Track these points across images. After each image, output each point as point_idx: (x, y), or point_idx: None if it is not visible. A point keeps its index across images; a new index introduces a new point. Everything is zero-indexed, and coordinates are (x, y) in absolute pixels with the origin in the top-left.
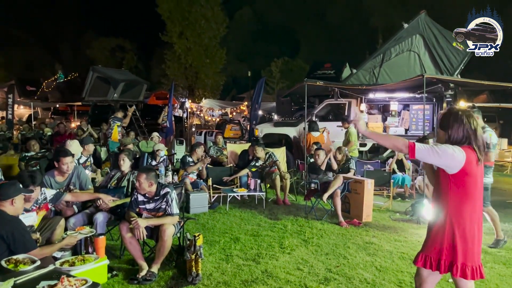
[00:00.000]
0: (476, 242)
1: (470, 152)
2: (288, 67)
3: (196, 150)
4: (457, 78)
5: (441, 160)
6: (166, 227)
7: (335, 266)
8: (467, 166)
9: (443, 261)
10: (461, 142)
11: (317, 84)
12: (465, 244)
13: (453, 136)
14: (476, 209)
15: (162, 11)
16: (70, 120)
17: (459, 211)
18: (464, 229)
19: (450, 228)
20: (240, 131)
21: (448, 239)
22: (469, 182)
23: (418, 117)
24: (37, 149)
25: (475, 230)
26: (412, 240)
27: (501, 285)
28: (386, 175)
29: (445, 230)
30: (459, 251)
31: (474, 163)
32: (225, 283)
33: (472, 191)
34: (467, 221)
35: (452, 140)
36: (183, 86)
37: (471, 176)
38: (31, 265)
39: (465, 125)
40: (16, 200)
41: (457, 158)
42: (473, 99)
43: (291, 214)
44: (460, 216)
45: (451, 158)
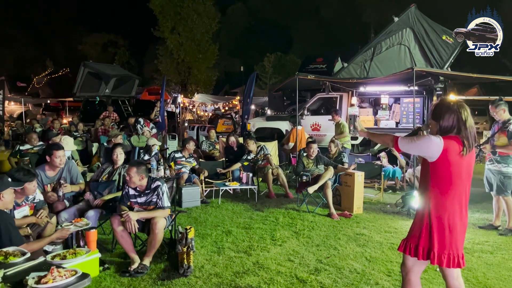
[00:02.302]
0: (456, 232)
1: (452, 141)
2: (281, 62)
3: (186, 146)
4: (446, 71)
5: (421, 150)
6: (158, 220)
7: (326, 257)
8: (445, 154)
9: (421, 248)
10: (449, 131)
11: (308, 78)
12: (442, 232)
13: (443, 126)
14: (459, 199)
15: (154, 6)
16: (62, 116)
17: (439, 200)
18: (442, 218)
19: (427, 216)
20: (232, 126)
21: (425, 226)
22: (451, 171)
23: (408, 110)
24: (36, 142)
25: (456, 220)
26: (402, 231)
27: (488, 273)
28: (377, 168)
29: (424, 218)
30: (435, 239)
31: (455, 152)
32: (216, 275)
33: (455, 180)
34: (447, 210)
35: (441, 129)
36: (176, 81)
37: (452, 166)
38: (21, 257)
39: (456, 115)
40: (5, 194)
41: (433, 147)
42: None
43: (283, 207)
44: (439, 204)
45: (427, 146)
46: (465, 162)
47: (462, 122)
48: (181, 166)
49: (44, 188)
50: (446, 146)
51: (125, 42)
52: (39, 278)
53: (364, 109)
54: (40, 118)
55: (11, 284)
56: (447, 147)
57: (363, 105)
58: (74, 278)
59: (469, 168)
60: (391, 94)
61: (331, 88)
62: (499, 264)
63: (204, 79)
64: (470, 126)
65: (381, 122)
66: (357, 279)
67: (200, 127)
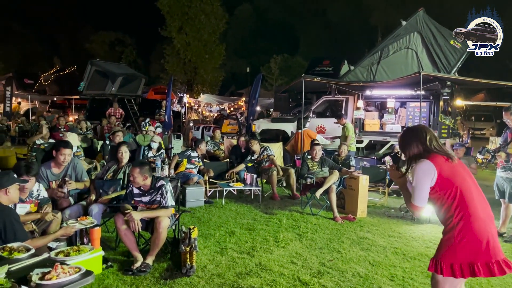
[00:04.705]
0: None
1: (434, 156)
2: (287, 64)
3: (200, 147)
4: (453, 76)
5: (426, 184)
6: (161, 219)
7: (329, 260)
8: (439, 167)
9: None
10: (421, 155)
11: (314, 80)
12: (475, 241)
13: (412, 154)
14: (474, 197)
15: (162, 5)
16: (68, 113)
17: (460, 210)
18: (467, 224)
19: (453, 229)
20: (237, 126)
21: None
22: (453, 180)
23: (414, 115)
24: (47, 139)
25: (479, 223)
26: (406, 236)
27: (492, 280)
28: (382, 172)
29: (450, 232)
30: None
31: (443, 161)
32: (219, 275)
33: (460, 182)
34: (470, 214)
35: (412, 158)
36: (182, 81)
37: (450, 173)
38: (26, 253)
39: (416, 138)
40: (10, 190)
41: (428, 171)
42: (471, 98)
43: (287, 209)
44: (461, 213)
45: (425, 176)
46: (458, 165)
47: (422, 142)
48: (193, 167)
49: (50, 185)
50: (433, 161)
51: (132, 41)
52: (43, 274)
53: (370, 113)
54: (47, 115)
55: (15, 280)
56: (434, 161)
57: (369, 108)
58: (78, 275)
59: (464, 169)
60: (397, 98)
61: (337, 90)
62: None
63: (210, 80)
64: (430, 139)
65: (386, 126)
66: (360, 283)
67: (205, 127)
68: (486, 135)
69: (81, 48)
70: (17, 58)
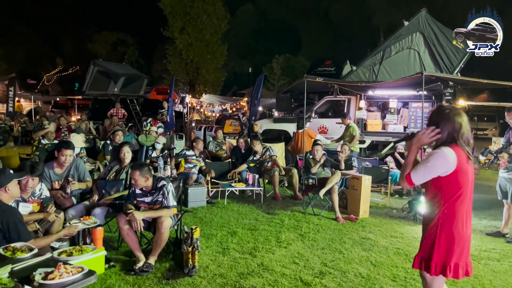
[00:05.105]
0: (464, 241)
1: (458, 150)
2: (289, 64)
3: (194, 145)
4: (455, 76)
5: (438, 169)
6: (163, 219)
7: (331, 261)
8: (459, 165)
9: (434, 263)
10: (445, 141)
11: (316, 80)
12: (452, 243)
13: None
14: (466, 207)
15: (164, 6)
16: (71, 113)
17: (450, 210)
18: (451, 227)
19: (436, 227)
20: (239, 127)
21: (436, 238)
22: (461, 181)
23: (417, 115)
24: (53, 139)
25: (463, 228)
26: (408, 237)
27: (494, 281)
28: (384, 172)
29: (433, 229)
30: (447, 251)
31: (465, 160)
32: (221, 275)
33: (464, 189)
34: (456, 219)
35: (437, 139)
36: (184, 82)
37: (463, 174)
38: (29, 253)
39: (451, 124)
40: (10, 187)
41: (449, 160)
42: (474, 98)
43: (289, 209)
44: (449, 214)
45: (441, 164)
46: (470, 168)
47: (457, 130)
48: (192, 166)
49: (52, 185)
50: (458, 157)
51: (135, 41)
52: (46, 274)
53: (372, 113)
54: (49, 115)
55: (18, 279)
56: (460, 157)
57: (371, 108)
58: (81, 275)
59: (472, 174)
60: (399, 98)
61: (339, 91)
62: (506, 271)
63: (212, 80)
64: (464, 132)
65: (389, 126)
66: (362, 284)
67: (207, 128)
68: (489, 136)
69: (83, 48)
70: (20, 58)
